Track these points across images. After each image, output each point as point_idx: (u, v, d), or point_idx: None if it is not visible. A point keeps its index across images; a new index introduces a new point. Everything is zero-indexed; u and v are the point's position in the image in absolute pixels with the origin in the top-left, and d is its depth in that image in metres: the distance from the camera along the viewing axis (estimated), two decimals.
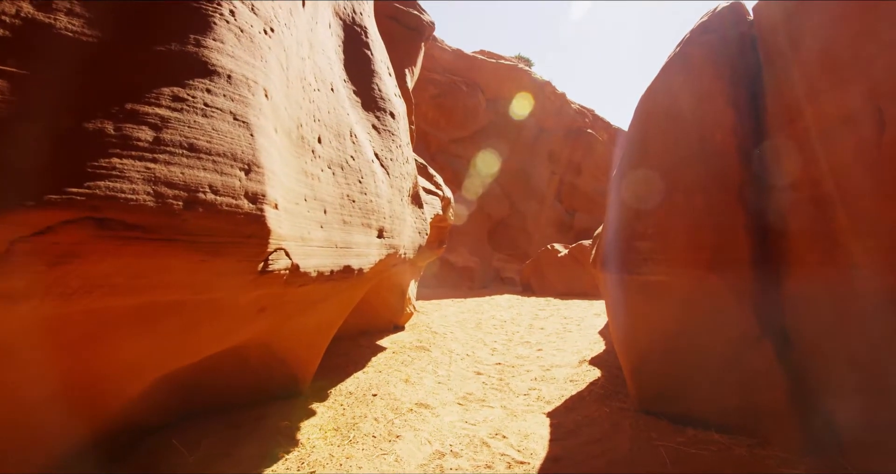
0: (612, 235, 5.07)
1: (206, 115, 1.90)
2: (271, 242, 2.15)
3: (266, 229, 2.08)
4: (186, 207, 1.79)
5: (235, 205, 1.95)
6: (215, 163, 1.89)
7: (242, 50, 2.14)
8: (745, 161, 3.98)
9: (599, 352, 7.33)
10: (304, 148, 2.76)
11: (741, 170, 3.97)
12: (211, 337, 2.69)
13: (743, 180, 3.94)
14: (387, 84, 4.63)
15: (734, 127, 4.06)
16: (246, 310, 2.60)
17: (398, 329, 8.77)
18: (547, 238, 24.01)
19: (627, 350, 4.89)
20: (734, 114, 4.08)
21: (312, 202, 2.80)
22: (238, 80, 2.07)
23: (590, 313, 11.92)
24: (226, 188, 1.91)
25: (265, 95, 2.17)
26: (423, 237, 5.85)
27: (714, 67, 4.28)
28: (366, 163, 3.65)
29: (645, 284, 4.47)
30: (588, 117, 28.64)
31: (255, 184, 2.02)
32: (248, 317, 2.73)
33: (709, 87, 4.27)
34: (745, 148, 4.01)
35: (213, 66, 2.00)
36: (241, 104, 2.03)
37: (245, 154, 1.99)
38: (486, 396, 5.41)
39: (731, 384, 3.92)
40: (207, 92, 1.94)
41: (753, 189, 3.89)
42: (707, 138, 4.19)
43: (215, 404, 4.08)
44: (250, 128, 2.04)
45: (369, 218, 3.59)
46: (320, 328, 4.41)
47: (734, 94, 4.13)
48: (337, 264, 3.06)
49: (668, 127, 4.58)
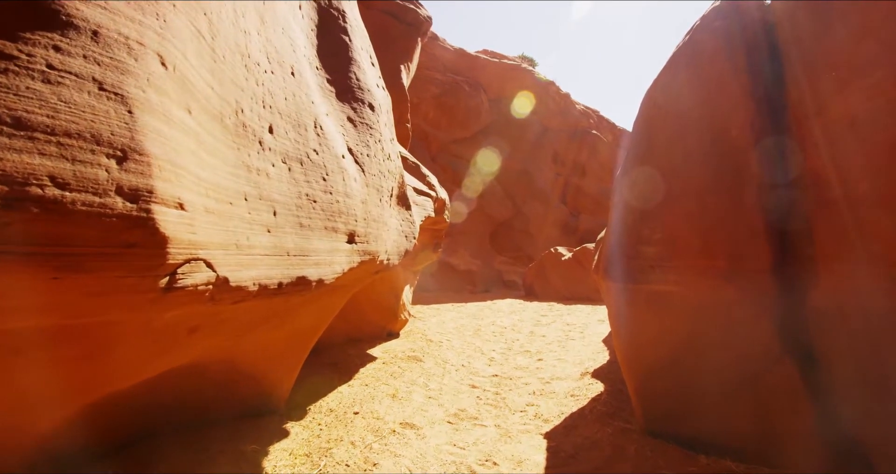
0: (616, 240, 4.67)
1: (48, 81, 1.41)
2: (174, 251, 1.71)
3: (160, 236, 1.62)
4: (6, 206, 1.30)
5: (101, 204, 1.47)
6: (62, 147, 1.40)
7: (124, 1, 1.66)
8: (763, 159, 3.57)
9: (603, 364, 6.92)
10: (246, 137, 2.37)
11: (759, 169, 3.56)
12: (133, 362, 2.27)
13: (761, 180, 3.53)
14: (367, 73, 4.23)
15: (751, 121, 3.65)
16: (170, 331, 2.20)
17: (392, 336, 8.38)
18: (551, 240, 23.59)
19: (632, 365, 4.49)
20: (750, 106, 3.67)
21: (256, 202, 2.41)
22: (111, 38, 1.56)
23: (593, 319, 11.50)
24: (81, 181, 1.43)
25: (161, 64, 1.71)
26: (411, 241, 5.44)
27: (727, 56, 3.88)
28: (333, 159, 3.24)
29: (651, 294, 4.06)
30: (593, 118, 28.25)
31: (134, 176, 1.55)
32: (178, 339, 2.34)
33: (721, 77, 3.86)
34: (764, 144, 3.59)
35: (68, 15, 1.50)
36: (115, 71, 1.55)
37: (118, 136, 1.51)
38: (479, 413, 5.01)
39: (748, 406, 3.51)
40: (55, 50, 1.44)
41: (774, 190, 3.48)
42: (720, 134, 3.79)
43: (180, 423, 3.70)
44: (128, 104, 1.55)
45: (335, 220, 3.19)
46: (292, 341, 4.02)
47: (750, 85, 3.72)
48: (288, 275, 2.66)
49: (675, 122, 4.18)
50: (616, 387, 5.75)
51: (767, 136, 3.59)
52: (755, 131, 3.62)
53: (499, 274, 22.36)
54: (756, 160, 3.58)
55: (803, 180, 3.31)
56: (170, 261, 1.69)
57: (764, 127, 3.61)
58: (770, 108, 3.63)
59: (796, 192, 3.36)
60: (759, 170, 3.55)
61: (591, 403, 5.30)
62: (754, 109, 3.65)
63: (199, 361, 3.28)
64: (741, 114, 3.68)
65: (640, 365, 4.36)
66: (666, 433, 4.12)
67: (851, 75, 3.01)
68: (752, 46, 3.82)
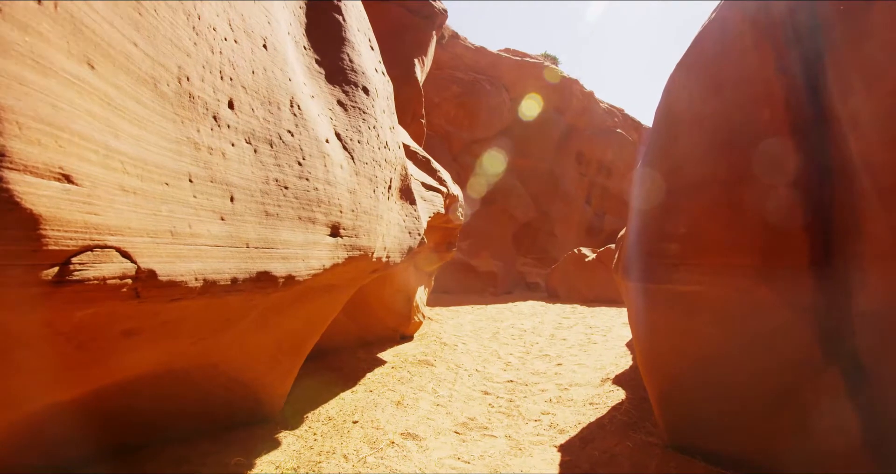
0: (636, 237, 4.30)
1: None
2: (59, 235, 1.37)
3: (25, 214, 1.27)
4: None
5: None
6: None
7: None
8: (801, 143, 3.17)
9: (626, 369, 6.52)
10: (194, 111, 2.08)
11: (797, 154, 3.16)
12: (56, 372, 2.00)
13: (799, 167, 3.13)
14: (363, 56, 3.92)
15: (786, 100, 3.25)
16: (97, 335, 1.91)
17: (405, 339, 8.09)
18: (575, 242, 23.07)
19: (653, 372, 4.11)
20: (785, 83, 3.27)
21: (206, 185, 2.11)
22: None
23: (618, 322, 11.05)
24: None
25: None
26: (416, 238, 5.11)
27: (758, 29, 3.48)
28: (312, 142, 2.93)
29: (675, 295, 3.69)
30: (618, 116, 27.64)
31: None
32: (112, 344, 2.04)
33: (752, 52, 3.47)
34: (802, 126, 3.19)
35: None
36: None
37: None
38: (490, 422, 4.67)
39: (786, 421, 3.12)
40: None
41: (814, 178, 3.08)
42: (751, 116, 3.39)
43: (166, 433, 3.45)
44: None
45: (312, 210, 2.87)
46: (284, 345, 3.73)
47: (785, 60, 3.32)
48: (245, 270, 2.33)
49: (701, 107, 3.79)
50: (639, 395, 5.37)
51: (806, 117, 3.19)
52: (791, 112, 3.22)
53: (521, 275, 21.94)
54: (793, 144, 3.18)
55: (852, 166, 2.90)
56: (52, 247, 1.38)
57: (801, 106, 3.21)
58: (808, 84, 3.22)
59: (843, 181, 2.95)
60: (797, 157, 3.15)
61: (612, 412, 4.93)
62: (788, 87, 3.25)
63: (176, 367, 3.01)
64: (774, 92, 3.29)
65: (663, 373, 3.98)
66: (692, 448, 3.74)
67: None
68: (785, 17, 3.42)
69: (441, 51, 20.73)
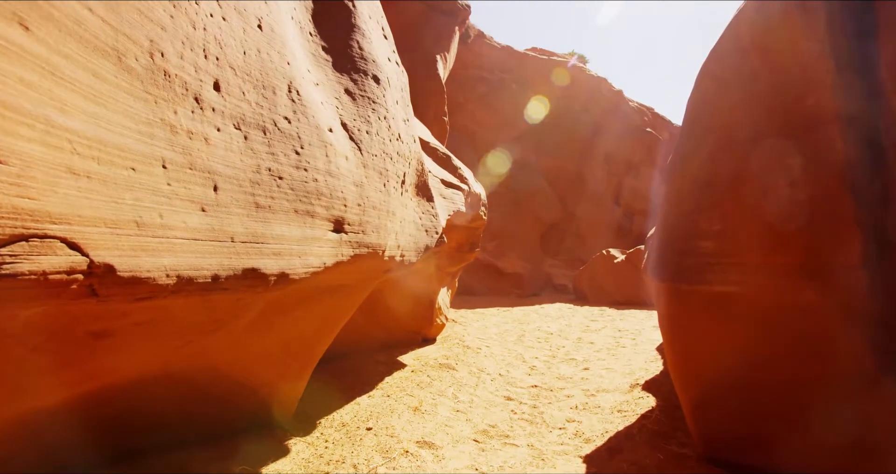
0: (666, 235, 4.04)
1: None
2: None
3: None
4: None
5: None
6: None
7: None
8: (850, 132, 2.89)
9: (656, 374, 6.22)
10: (170, 90, 1.91)
11: (844, 143, 2.88)
12: (16, 379, 1.84)
13: (849, 158, 2.85)
14: (374, 44, 3.74)
15: (832, 85, 2.98)
16: (62, 338, 1.77)
17: (427, 342, 7.91)
18: (603, 243, 22.59)
19: (686, 379, 3.85)
20: (832, 67, 3.00)
21: (184, 172, 1.94)
22: None
23: (647, 325, 10.70)
24: None
25: None
26: (433, 237, 4.91)
27: (805, 9, 3.20)
28: (312, 130, 2.76)
29: (709, 296, 3.43)
30: (647, 116, 27.07)
31: None
32: (83, 347, 1.90)
33: (794, 33, 3.19)
34: (850, 113, 2.91)
35: None
36: None
37: None
38: (512, 430, 4.46)
39: (837, 437, 2.83)
40: None
41: (865, 168, 2.80)
42: (793, 104, 3.12)
43: (171, 439, 3.32)
44: None
45: (311, 203, 2.70)
46: (293, 348, 3.58)
47: (832, 41, 3.04)
48: (229, 266, 2.15)
49: (738, 94, 3.53)
50: (670, 402, 5.09)
51: (856, 104, 2.91)
52: (837, 98, 2.94)
53: (548, 277, 21.60)
54: (840, 134, 2.90)
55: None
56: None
57: (850, 92, 2.93)
58: (858, 68, 2.94)
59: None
60: (846, 147, 2.87)
61: (641, 420, 4.67)
62: (835, 71, 2.97)
63: (175, 370, 2.88)
64: (819, 77, 3.01)
65: (697, 380, 3.72)
66: (728, 461, 3.49)
67: None
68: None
69: (466, 50, 20.55)
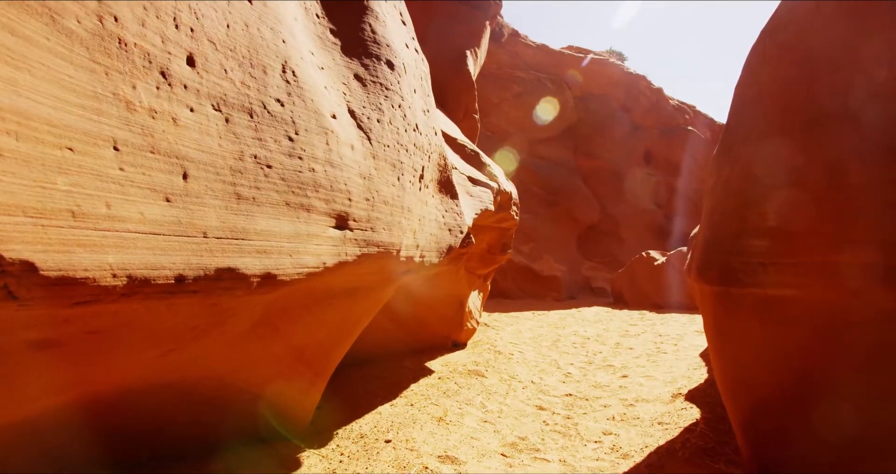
0: (712, 233, 3.68)
1: None
2: None
3: None
4: None
5: None
6: None
7: None
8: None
9: (700, 383, 5.81)
10: (126, 60, 1.67)
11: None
12: None
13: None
14: (389, 28, 3.47)
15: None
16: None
17: (458, 347, 7.64)
18: (643, 245, 21.93)
19: (736, 390, 3.49)
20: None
21: (143, 156, 1.69)
22: None
23: (690, 330, 10.20)
24: None
25: None
26: (457, 236, 4.62)
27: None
28: (310, 115, 2.51)
29: (762, 300, 3.07)
30: (688, 113, 26.26)
31: None
32: (19, 360, 1.66)
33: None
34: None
35: None
36: None
37: None
38: (543, 443, 4.15)
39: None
40: None
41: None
42: (866, 80, 2.75)
43: (171, 451, 3.13)
44: None
45: (307, 195, 2.44)
46: (306, 354, 3.35)
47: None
48: (198, 265, 1.88)
49: (797, 71, 3.15)
50: (716, 414, 4.70)
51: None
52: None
53: (586, 280, 21.08)
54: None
55: None
56: None
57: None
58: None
59: None
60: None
61: (684, 434, 4.30)
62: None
63: (173, 379, 2.68)
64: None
65: (748, 392, 3.36)
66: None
67: None
68: None
69: (500, 49, 20.27)
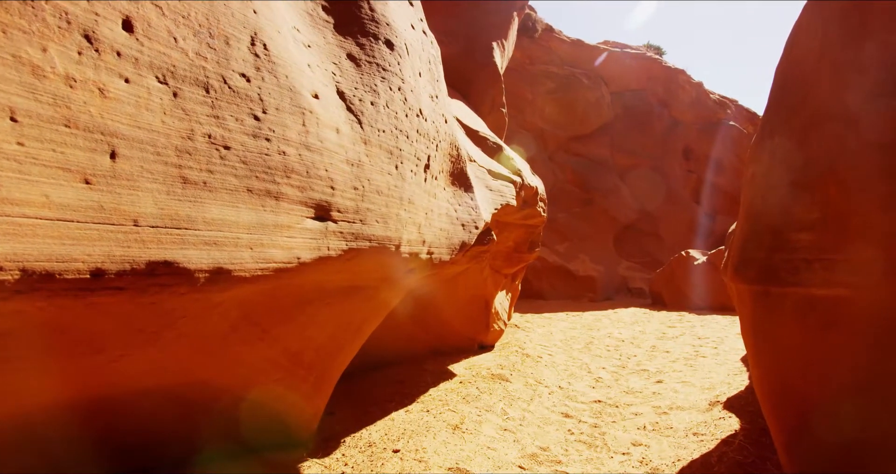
0: (749, 226, 3.37)
1: None
2: None
3: None
4: None
5: None
6: None
7: None
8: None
9: (740, 390, 5.44)
10: (35, 19, 1.44)
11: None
12: None
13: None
14: (391, 6, 3.19)
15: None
16: None
17: (484, 349, 7.40)
18: (683, 244, 21.24)
19: (777, 401, 3.17)
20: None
21: (56, 130, 1.50)
22: None
23: (731, 333, 9.71)
24: None
25: None
26: (471, 232, 4.35)
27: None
28: (282, 93, 2.30)
29: (807, 301, 2.75)
30: (730, 108, 25.37)
31: None
32: None
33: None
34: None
35: None
36: None
37: None
38: (566, 454, 3.88)
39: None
40: None
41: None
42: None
43: (166, 459, 2.99)
44: None
45: (275, 181, 2.22)
46: (306, 357, 3.15)
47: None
48: (123, 257, 1.67)
49: (847, 52, 2.83)
50: (757, 425, 4.35)
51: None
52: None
53: (623, 280, 20.51)
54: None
55: None
56: None
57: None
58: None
59: None
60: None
61: (721, 447, 3.97)
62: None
63: (163, 385, 2.53)
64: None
65: (790, 402, 3.04)
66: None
67: None
68: None
69: (533, 45, 19.94)
